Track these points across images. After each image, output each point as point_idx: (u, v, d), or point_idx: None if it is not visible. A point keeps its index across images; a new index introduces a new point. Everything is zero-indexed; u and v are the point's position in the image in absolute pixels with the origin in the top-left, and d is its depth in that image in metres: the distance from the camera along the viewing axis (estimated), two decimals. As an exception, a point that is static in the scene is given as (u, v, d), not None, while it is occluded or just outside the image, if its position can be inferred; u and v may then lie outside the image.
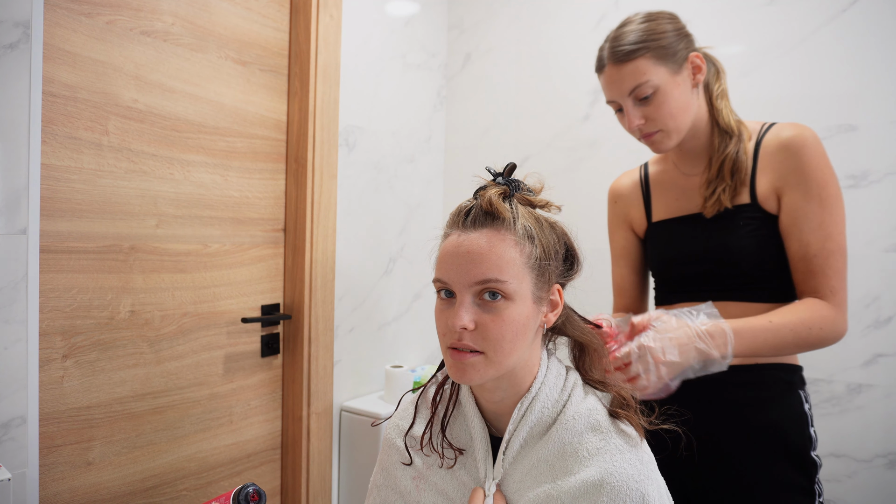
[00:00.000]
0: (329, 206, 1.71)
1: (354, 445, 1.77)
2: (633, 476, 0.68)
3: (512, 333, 0.71)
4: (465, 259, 0.72)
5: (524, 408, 0.76)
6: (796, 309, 1.00)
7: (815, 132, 1.04)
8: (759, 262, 1.06)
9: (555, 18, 1.95)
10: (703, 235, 1.10)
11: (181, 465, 1.46)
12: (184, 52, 1.44)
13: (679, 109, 1.05)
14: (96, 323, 1.29)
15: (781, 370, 1.07)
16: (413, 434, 0.85)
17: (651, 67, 1.02)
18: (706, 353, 0.91)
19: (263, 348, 1.66)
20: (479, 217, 0.74)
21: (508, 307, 0.71)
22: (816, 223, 1.00)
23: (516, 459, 0.76)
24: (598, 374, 0.81)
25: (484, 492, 0.76)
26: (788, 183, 1.02)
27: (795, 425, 1.05)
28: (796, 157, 1.02)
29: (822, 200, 1.01)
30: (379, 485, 0.88)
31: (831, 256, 1.00)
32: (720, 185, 1.06)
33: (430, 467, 0.82)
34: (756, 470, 1.03)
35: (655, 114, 1.04)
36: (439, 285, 0.74)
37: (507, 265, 0.71)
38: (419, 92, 2.08)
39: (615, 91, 1.06)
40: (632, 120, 1.05)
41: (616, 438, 0.72)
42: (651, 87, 1.02)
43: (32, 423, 1.15)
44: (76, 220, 1.26)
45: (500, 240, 0.72)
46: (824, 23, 1.53)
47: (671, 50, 1.03)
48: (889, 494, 1.46)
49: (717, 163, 1.07)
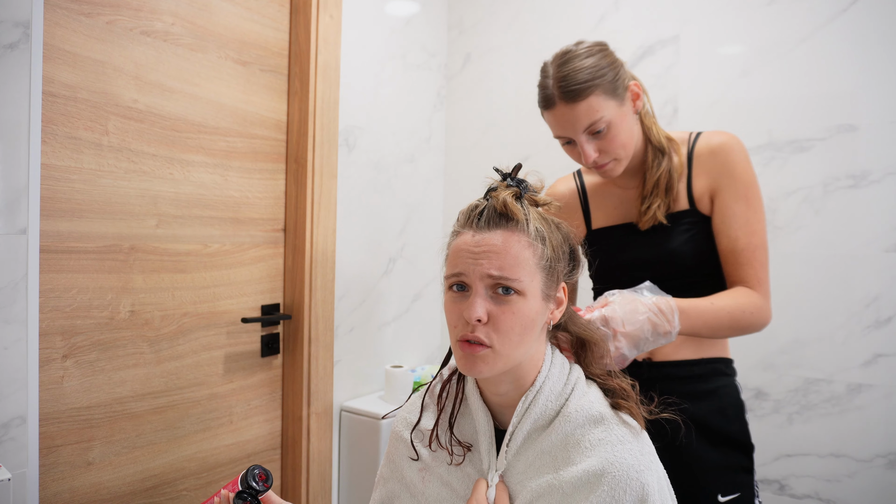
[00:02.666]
0: (329, 206, 1.71)
1: (354, 445, 1.77)
2: (633, 466, 0.70)
3: (521, 327, 0.74)
4: (482, 255, 0.74)
5: (528, 401, 0.77)
6: (732, 294, 1.08)
7: (739, 139, 1.13)
8: (699, 263, 1.14)
9: (555, 18, 1.95)
10: (647, 242, 1.16)
11: (181, 465, 1.46)
12: (184, 52, 1.44)
13: (628, 138, 1.10)
14: (96, 323, 1.29)
15: (720, 363, 1.17)
16: (421, 428, 0.87)
17: (602, 103, 1.06)
18: (658, 326, 0.97)
19: (263, 348, 1.66)
20: (493, 217, 0.76)
21: (520, 302, 0.73)
22: (743, 220, 1.10)
23: (519, 451, 0.77)
24: (598, 369, 0.83)
25: (487, 482, 0.77)
26: (720, 185, 1.11)
27: (735, 411, 1.15)
28: (726, 161, 1.11)
29: (748, 200, 1.10)
30: (386, 476, 0.90)
31: (757, 250, 1.09)
32: (654, 200, 1.14)
33: (436, 460, 0.84)
34: (705, 454, 1.11)
35: (609, 147, 1.09)
36: (454, 279, 0.76)
37: (521, 264, 0.74)
38: (419, 92, 2.07)
39: (569, 129, 1.09)
40: (588, 154, 1.09)
41: (617, 429, 0.74)
42: (604, 123, 1.06)
43: (32, 423, 1.15)
44: (76, 220, 1.26)
45: (515, 240, 0.75)
46: (824, 23, 1.54)
47: (615, 83, 1.07)
48: (889, 494, 1.46)
49: (651, 179, 1.14)
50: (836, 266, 1.53)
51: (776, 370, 1.59)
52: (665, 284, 1.14)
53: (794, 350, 1.57)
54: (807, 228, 1.56)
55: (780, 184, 1.58)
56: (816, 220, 1.55)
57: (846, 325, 1.51)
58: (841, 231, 1.52)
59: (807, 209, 1.56)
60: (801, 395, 1.56)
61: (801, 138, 1.56)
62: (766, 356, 1.60)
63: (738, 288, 1.10)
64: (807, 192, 1.56)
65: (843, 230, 1.52)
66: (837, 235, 1.52)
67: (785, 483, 1.58)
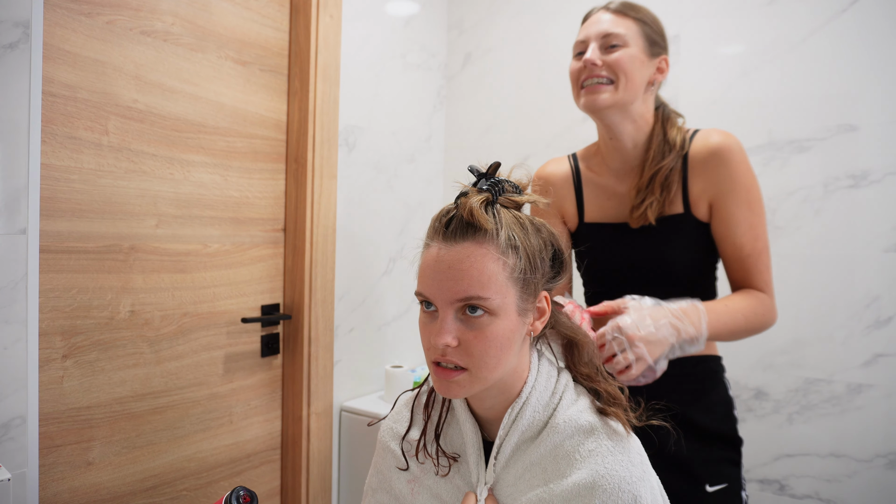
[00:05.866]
0: (329, 206, 1.71)
1: (354, 445, 1.77)
2: (624, 478, 0.68)
3: (496, 349, 0.70)
4: (446, 275, 0.69)
5: (515, 413, 0.75)
6: (743, 297, 1.08)
7: (736, 138, 1.10)
8: (690, 270, 1.13)
9: (555, 18, 1.95)
10: (640, 245, 1.14)
11: (181, 465, 1.46)
12: (184, 52, 1.44)
13: (633, 75, 1.09)
14: (96, 323, 1.29)
15: (711, 362, 1.18)
16: (409, 439, 0.85)
17: (634, 33, 1.10)
18: (681, 330, 0.94)
19: (263, 348, 1.66)
20: (460, 228, 0.70)
21: (492, 322, 0.69)
22: (747, 226, 1.08)
23: (508, 464, 0.75)
24: (586, 368, 0.80)
25: (476, 496, 0.76)
26: (721, 190, 1.08)
27: (725, 409, 1.15)
28: (726, 164, 1.08)
29: (750, 204, 1.08)
30: (374, 487, 0.88)
31: (761, 255, 1.09)
32: (649, 197, 1.11)
33: (424, 471, 0.82)
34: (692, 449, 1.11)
35: (613, 63, 1.09)
36: (421, 298, 0.73)
37: (488, 281, 0.68)
38: (419, 92, 2.07)
39: (591, 29, 1.12)
40: (590, 57, 1.09)
41: (606, 440, 0.71)
42: (622, 42, 1.09)
43: (32, 423, 1.15)
44: (76, 220, 1.26)
45: (481, 254, 0.68)
46: (824, 23, 1.54)
47: (655, 39, 1.12)
48: (889, 494, 1.46)
49: (649, 171, 1.12)
50: (836, 266, 1.53)
51: (776, 370, 1.59)
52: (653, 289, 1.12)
53: (794, 350, 1.57)
54: (807, 228, 1.56)
55: (780, 184, 1.58)
56: (816, 220, 1.55)
57: (846, 325, 1.51)
58: (841, 231, 1.52)
59: (807, 209, 1.56)
60: (801, 395, 1.56)
61: (801, 138, 1.56)
62: (766, 356, 1.60)
63: (744, 290, 1.10)
64: (807, 192, 1.56)
65: (843, 230, 1.52)
66: (837, 235, 1.52)
67: (785, 483, 1.58)
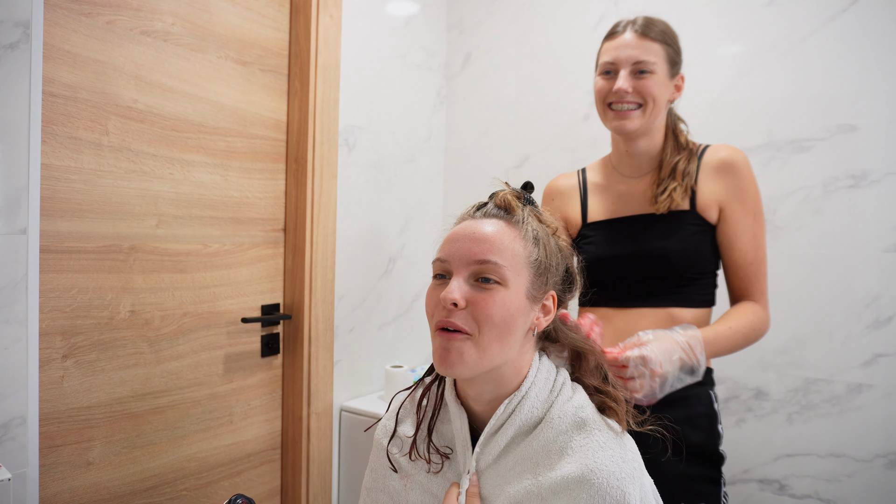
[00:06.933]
0: (329, 206, 1.71)
1: (354, 445, 1.77)
2: (614, 473, 0.68)
3: (500, 317, 0.71)
4: (471, 240, 0.74)
5: (513, 406, 0.75)
6: (742, 313, 1.14)
7: (743, 153, 1.18)
8: (687, 264, 1.16)
9: (555, 18, 1.95)
10: (641, 236, 1.18)
11: (181, 465, 1.46)
12: (184, 52, 1.44)
13: (659, 99, 1.15)
14: (96, 323, 1.29)
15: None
16: (400, 436, 0.85)
17: (661, 57, 1.14)
18: (685, 363, 1.01)
19: (263, 348, 1.66)
20: (492, 211, 0.78)
21: (501, 291, 0.72)
22: (751, 235, 1.15)
23: (500, 456, 0.75)
24: (594, 381, 0.81)
25: (458, 487, 0.76)
26: (731, 197, 1.15)
27: (707, 422, 1.15)
28: (737, 175, 1.15)
29: (755, 215, 1.16)
30: (369, 487, 0.89)
31: (762, 264, 1.16)
32: (671, 184, 1.16)
33: (417, 468, 0.83)
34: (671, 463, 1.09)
35: (643, 89, 1.14)
36: (438, 265, 0.76)
37: (508, 252, 0.73)
38: (419, 92, 2.07)
39: (622, 54, 1.14)
40: (622, 85, 1.13)
41: (600, 435, 0.71)
42: (652, 69, 1.13)
43: (32, 423, 1.15)
44: (76, 220, 1.26)
45: (507, 232, 0.75)
46: (824, 23, 1.53)
47: (675, 59, 1.18)
48: (889, 494, 1.46)
49: (668, 166, 1.18)
50: (836, 266, 1.53)
51: (776, 370, 1.59)
52: (650, 283, 1.15)
53: (794, 350, 1.57)
54: (807, 228, 1.56)
55: (780, 184, 1.58)
56: (816, 220, 1.55)
57: (846, 325, 1.51)
58: (841, 231, 1.52)
59: (807, 209, 1.56)
60: (800, 395, 1.56)
61: (801, 138, 1.56)
62: (766, 356, 1.60)
63: (743, 304, 1.16)
64: (807, 192, 1.56)
65: (843, 230, 1.52)
66: (837, 235, 1.52)
67: (785, 483, 1.58)
